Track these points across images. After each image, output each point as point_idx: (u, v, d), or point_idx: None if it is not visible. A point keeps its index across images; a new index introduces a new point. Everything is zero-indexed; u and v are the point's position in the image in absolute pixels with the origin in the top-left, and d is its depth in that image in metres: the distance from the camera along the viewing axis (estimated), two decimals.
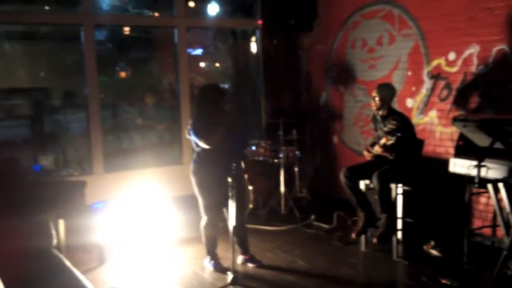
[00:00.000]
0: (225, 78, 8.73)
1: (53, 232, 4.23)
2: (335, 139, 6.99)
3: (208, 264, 4.73)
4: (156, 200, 5.61)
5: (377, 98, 4.95)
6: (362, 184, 5.02)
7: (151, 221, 5.40)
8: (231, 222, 4.38)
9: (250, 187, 5.92)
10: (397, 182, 4.81)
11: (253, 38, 7.57)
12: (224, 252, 5.10)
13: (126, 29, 8.00)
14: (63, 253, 4.30)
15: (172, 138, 7.35)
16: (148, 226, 5.37)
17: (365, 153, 5.18)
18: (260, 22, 7.24)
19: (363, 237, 5.03)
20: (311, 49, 7.30)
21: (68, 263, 3.67)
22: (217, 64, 8.76)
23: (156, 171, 6.45)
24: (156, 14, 7.26)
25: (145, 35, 8.20)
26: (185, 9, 6.78)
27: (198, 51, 8.20)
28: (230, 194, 4.27)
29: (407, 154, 4.87)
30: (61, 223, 4.87)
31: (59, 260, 3.76)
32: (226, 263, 4.76)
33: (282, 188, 6.31)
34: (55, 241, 4.17)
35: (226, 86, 8.49)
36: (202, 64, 8.48)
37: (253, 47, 7.68)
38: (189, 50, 7.32)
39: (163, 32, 7.98)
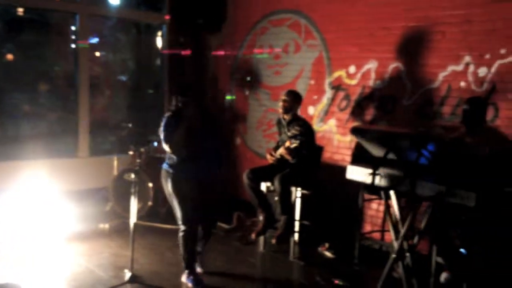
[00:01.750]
0: (124, 70, 8.48)
1: None
2: (238, 140, 7.09)
3: (187, 280, 4.24)
4: (48, 194, 5.30)
5: (286, 102, 5.12)
6: (264, 186, 5.14)
7: (42, 215, 5.08)
8: (132, 218, 4.27)
9: (150, 184, 5.84)
10: (297, 186, 5.00)
11: (159, 33, 7.44)
12: (120, 249, 4.97)
13: (20, 9, 7.46)
14: None
15: (65, 129, 6.97)
16: (40, 220, 5.05)
17: (268, 156, 5.31)
18: (167, 17, 7.13)
19: (262, 238, 5.15)
20: (218, 50, 7.34)
21: None
22: (111, 55, 8.46)
23: (48, 163, 6.06)
24: None
25: (40, 18, 7.70)
26: None
27: (94, 40, 7.87)
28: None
29: (307, 159, 5.08)
30: None
31: None
32: (122, 260, 4.62)
33: None
34: None
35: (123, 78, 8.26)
36: (97, 54, 8.14)
37: (159, 42, 7.54)
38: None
39: (59, 17, 7.56)
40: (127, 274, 4.22)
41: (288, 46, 6.38)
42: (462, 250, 3.98)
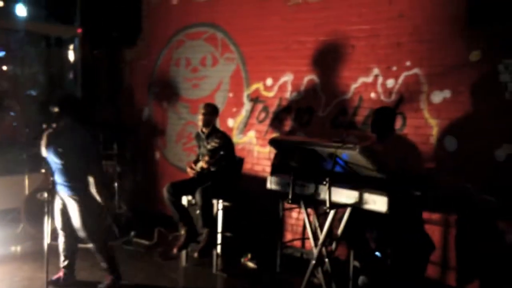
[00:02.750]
0: (33, 84, 8.10)
1: None
2: (157, 154, 6.99)
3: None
4: None
5: (205, 116, 5.13)
6: (185, 200, 5.11)
7: None
8: (46, 239, 4.08)
9: None
10: (218, 198, 5.01)
11: (71, 46, 7.20)
12: (34, 272, 4.73)
13: None
14: None
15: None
16: None
17: (188, 170, 5.28)
18: (79, 30, 6.92)
19: (184, 252, 5.10)
20: (134, 64, 7.23)
21: None
22: (19, 69, 8.08)
23: None
24: None
25: None
26: None
27: (1, 53, 7.49)
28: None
29: (227, 171, 5.11)
30: None
31: None
32: (37, 284, 4.40)
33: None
34: None
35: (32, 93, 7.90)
36: (4, 68, 7.74)
37: (70, 55, 7.30)
38: None
39: None
40: None
41: (206, 59, 6.41)
42: (377, 253, 4.18)
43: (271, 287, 4.49)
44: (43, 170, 5.88)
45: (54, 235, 4.39)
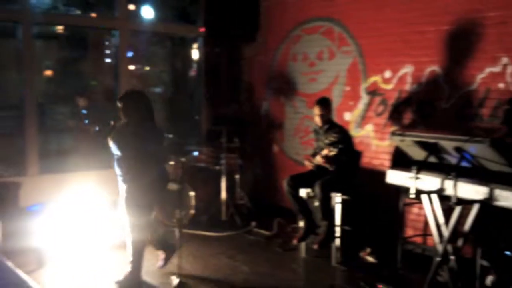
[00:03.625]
0: (160, 83, 8.70)
1: None
2: (275, 148, 7.19)
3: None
4: (93, 204, 5.49)
5: (319, 113, 5.20)
6: (303, 192, 5.22)
7: (88, 224, 5.28)
8: (178, 226, 4.40)
9: (192, 193, 5.98)
10: (337, 191, 5.05)
11: (195, 45, 7.62)
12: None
13: (59, 28, 7.78)
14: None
15: (104, 142, 7.18)
16: (86, 229, 5.25)
17: (306, 163, 5.39)
18: (202, 29, 7.30)
19: (303, 244, 5.22)
20: (253, 60, 7.47)
21: (11, 264, 3.55)
22: (147, 68, 8.70)
23: (92, 174, 6.28)
24: (93, 15, 7.12)
25: (76, 34, 8.01)
26: (127, 12, 6.72)
27: (131, 54, 8.13)
28: None
29: (346, 165, 5.13)
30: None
31: (1, 261, 3.63)
32: (169, 267, 4.76)
33: (223, 195, 6.40)
34: None
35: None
36: (131, 67, 8.40)
37: (194, 54, 7.72)
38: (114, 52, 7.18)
39: (95, 33, 7.82)
40: (175, 280, 4.35)
41: (322, 53, 6.46)
42: (507, 252, 3.97)
43: (392, 282, 4.44)
44: (171, 163, 6.34)
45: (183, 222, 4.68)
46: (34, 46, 6.04)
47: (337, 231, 5.08)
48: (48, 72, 7.83)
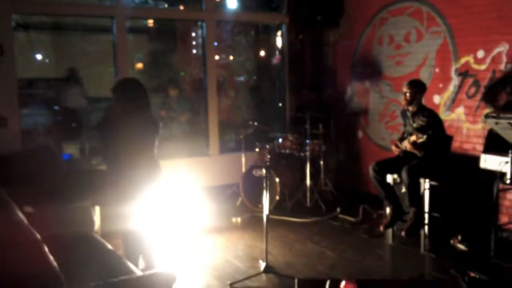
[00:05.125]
0: (244, 71, 8.85)
1: (94, 218, 4.37)
2: (360, 133, 7.09)
3: None
4: (186, 190, 5.74)
5: (408, 94, 5.03)
6: (390, 178, 5.12)
7: (183, 210, 5.53)
8: (265, 212, 4.49)
9: (277, 179, 6.07)
10: (425, 177, 4.91)
11: (278, 33, 7.66)
12: (253, 241, 5.25)
13: (149, 21, 8.14)
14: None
15: (194, 130, 7.48)
16: (180, 214, 5.50)
17: (393, 148, 5.27)
18: (286, 17, 7.32)
19: (390, 230, 5.13)
20: (336, 45, 7.39)
21: (110, 247, 3.80)
22: (231, 57, 8.87)
23: (184, 162, 6.57)
24: (181, 8, 7.38)
25: (165, 27, 8.34)
26: (213, 3, 6.89)
27: (214, 44, 8.32)
28: None
29: (436, 149, 4.95)
30: (97, 210, 5.01)
31: (102, 244, 3.89)
32: (256, 252, 4.90)
33: (307, 181, 6.43)
34: (95, 227, 4.31)
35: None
36: (217, 57, 8.60)
37: (277, 41, 7.78)
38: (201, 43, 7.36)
39: (182, 25, 8.08)
40: (262, 265, 4.46)
41: (410, 35, 6.25)
42: None
43: (485, 271, 4.25)
44: (257, 149, 6.48)
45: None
46: (127, 40, 6.37)
47: (426, 218, 4.95)
48: (139, 65, 8.25)
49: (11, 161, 5.11)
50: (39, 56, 7.55)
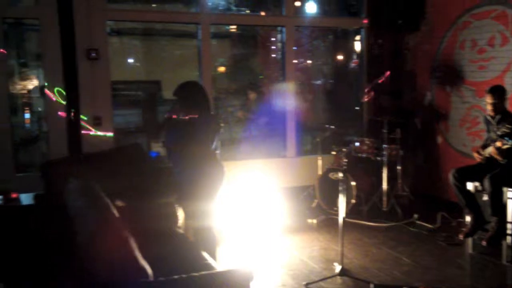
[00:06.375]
0: (320, 74, 8.92)
1: (178, 214, 4.62)
2: (439, 139, 6.96)
3: None
4: (263, 190, 5.92)
5: (491, 101, 4.93)
6: (471, 186, 5.02)
7: (259, 209, 5.71)
8: (341, 214, 4.56)
9: (353, 183, 6.11)
10: (508, 186, 4.77)
11: (357, 37, 7.67)
12: (328, 243, 5.33)
13: (232, 27, 8.42)
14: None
15: (271, 132, 7.66)
16: (257, 214, 5.69)
17: (475, 155, 5.16)
18: (365, 21, 7.33)
19: (470, 239, 5.03)
20: (416, 49, 7.29)
21: (193, 242, 4.02)
22: (309, 61, 8.96)
23: (261, 162, 6.75)
24: (262, 14, 7.58)
25: (246, 32, 8.58)
26: (293, 8, 7.03)
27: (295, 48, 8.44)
28: None
29: None
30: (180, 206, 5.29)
31: (185, 239, 4.12)
32: (331, 254, 4.97)
33: (384, 186, 6.41)
34: (179, 222, 4.56)
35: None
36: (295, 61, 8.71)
37: (355, 45, 7.79)
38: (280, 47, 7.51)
39: (263, 30, 8.28)
40: (337, 267, 4.52)
41: (494, 39, 6.07)
42: None
43: None
44: (333, 152, 6.55)
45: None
46: (211, 45, 6.66)
47: (509, 228, 4.81)
48: (221, 68, 8.56)
49: (104, 157, 5.52)
50: (130, 60, 8.05)
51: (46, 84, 6.02)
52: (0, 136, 5.79)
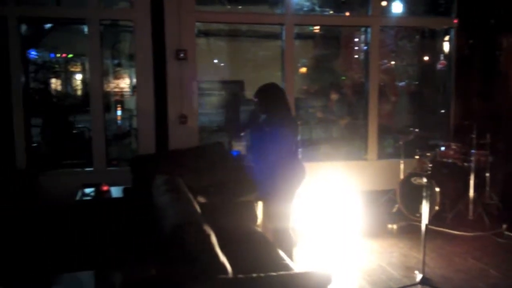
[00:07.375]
0: (405, 76, 8.68)
1: (257, 212, 4.71)
2: None
3: None
4: (341, 192, 5.87)
5: None
6: None
7: (338, 212, 5.68)
8: (424, 221, 4.43)
9: (437, 189, 5.90)
10: None
11: (446, 37, 7.39)
12: (409, 250, 5.19)
13: (315, 27, 8.41)
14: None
15: (352, 134, 7.58)
16: (336, 216, 5.66)
17: None
18: (455, 21, 7.05)
19: None
20: (510, 50, 6.89)
21: (271, 242, 4.07)
22: (392, 62, 8.75)
23: (341, 165, 6.70)
24: (347, 14, 7.51)
25: (329, 33, 8.54)
26: (380, 8, 6.90)
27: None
28: None
29: None
30: (259, 205, 5.38)
31: (265, 238, 4.18)
32: (411, 261, 4.85)
33: (471, 193, 6.14)
34: (258, 221, 4.65)
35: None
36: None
37: (444, 46, 7.51)
38: (364, 48, 7.40)
39: (346, 31, 8.19)
40: (418, 276, 4.39)
41: None
42: None
43: None
44: (417, 157, 6.36)
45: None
46: (294, 46, 6.70)
47: None
48: (303, 69, 8.59)
49: (188, 155, 5.74)
50: (215, 60, 8.32)
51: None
52: (95, 131, 6.19)
